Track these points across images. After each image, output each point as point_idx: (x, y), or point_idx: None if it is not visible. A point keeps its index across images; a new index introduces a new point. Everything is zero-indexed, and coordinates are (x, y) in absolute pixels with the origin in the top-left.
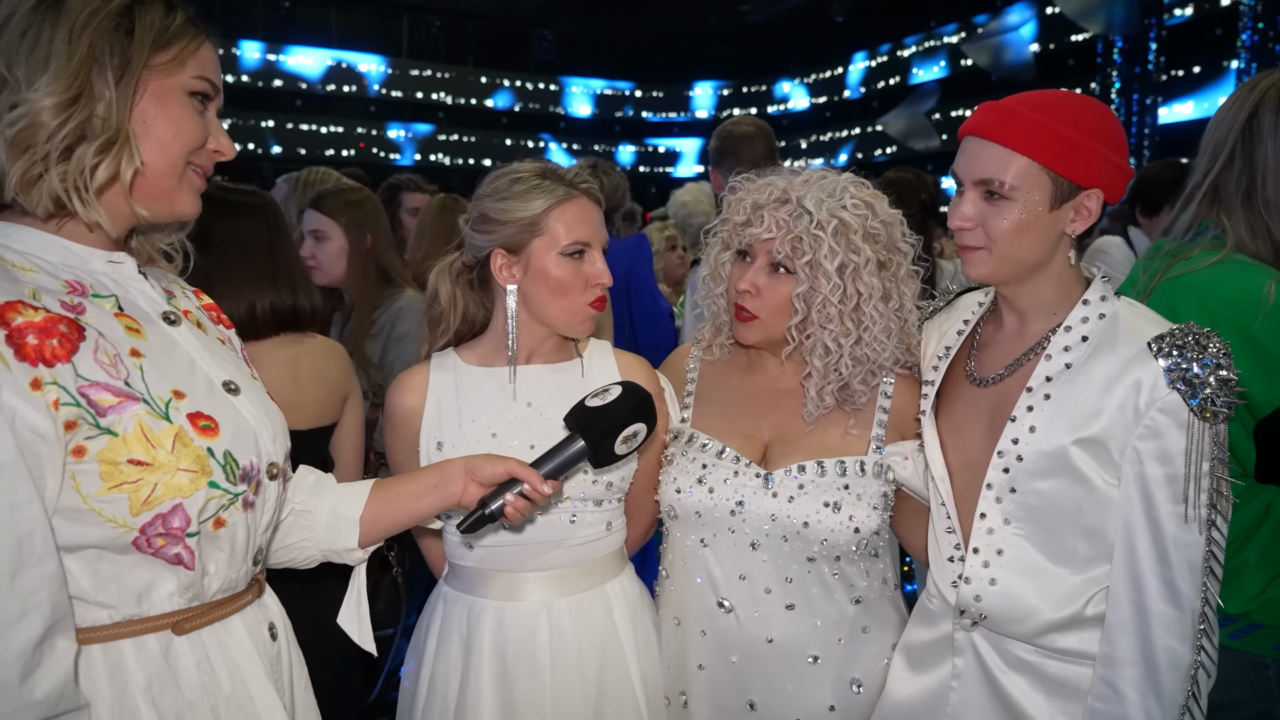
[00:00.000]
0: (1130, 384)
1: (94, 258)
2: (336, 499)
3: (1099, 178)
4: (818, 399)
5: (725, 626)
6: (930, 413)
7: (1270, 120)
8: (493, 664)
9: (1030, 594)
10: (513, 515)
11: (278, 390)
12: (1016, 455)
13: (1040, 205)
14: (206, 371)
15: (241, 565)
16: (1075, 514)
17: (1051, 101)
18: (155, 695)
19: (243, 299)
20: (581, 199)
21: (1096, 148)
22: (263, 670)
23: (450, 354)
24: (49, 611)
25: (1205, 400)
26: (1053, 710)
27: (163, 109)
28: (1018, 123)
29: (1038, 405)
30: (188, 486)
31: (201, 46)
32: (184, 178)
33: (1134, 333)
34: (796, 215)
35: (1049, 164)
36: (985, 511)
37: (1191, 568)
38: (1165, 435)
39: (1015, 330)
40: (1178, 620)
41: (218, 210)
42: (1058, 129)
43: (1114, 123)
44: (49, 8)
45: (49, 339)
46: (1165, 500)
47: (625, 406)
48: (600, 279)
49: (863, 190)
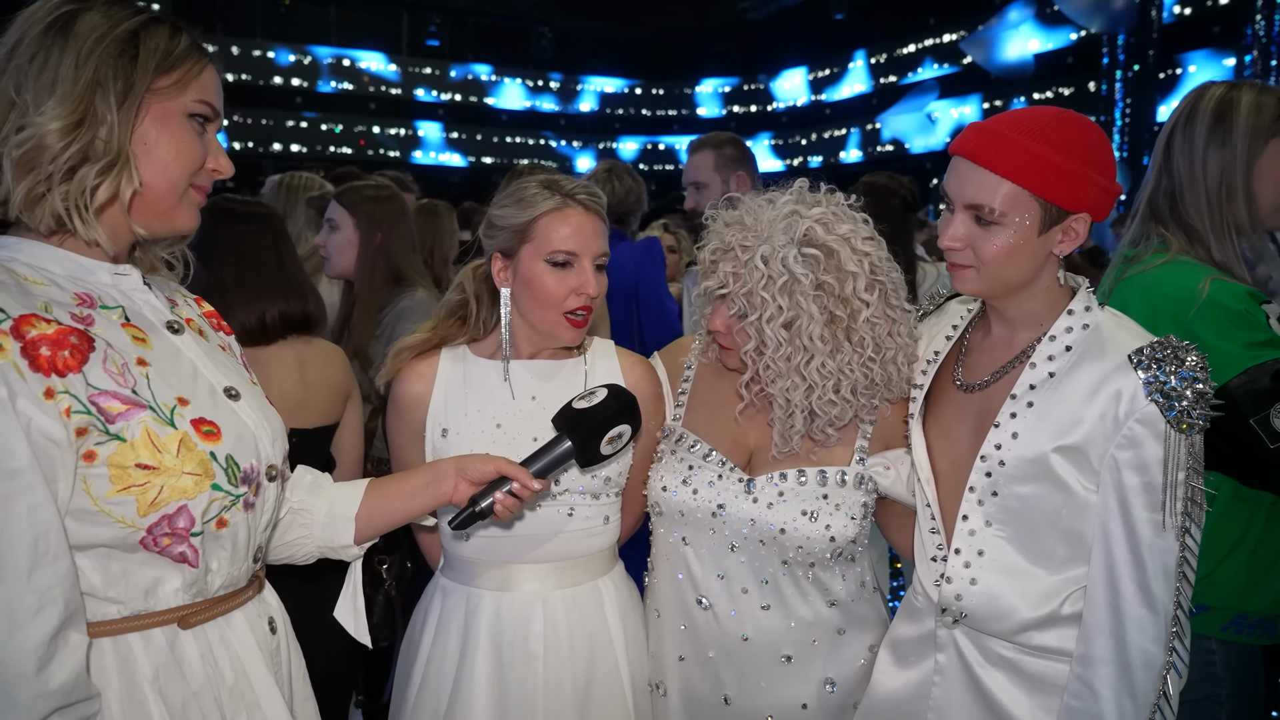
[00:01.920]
0: (1110, 394)
1: (100, 270)
2: (333, 498)
3: (1087, 202)
4: (782, 444)
5: (703, 623)
6: (918, 416)
7: (1180, 137)
8: (488, 652)
9: (1009, 593)
10: (502, 513)
11: (286, 390)
12: (999, 460)
13: (1029, 229)
14: (209, 378)
15: (243, 563)
16: (1054, 517)
17: (1040, 125)
18: (162, 686)
19: (256, 308)
20: (574, 210)
21: (1084, 172)
22: (263, 662)
23: (462, 346)
24: (63, 607)
25: (1182, 412)
26: (1031, 705)
27: (164, 131)
28: (1007, 148)
29: (1021, 412)
30: (192, 489)
31: (204, 70)
32: (185, 196)
33: (1116, 344)
34: (750, 268)
35: (1038, 190)
36: (967, 514)
37: (1166, 573)
38: (1143, 445)
39: (1003, 338)
40: (1152, 623)
41: (229, 222)
42: (1047, 155)
43: (1103, 144)
44: (58, 32)
45: (61, 350)
46: (1141, 508)
47: (610, 409)
48: (584, 289)
49: (833, 230)
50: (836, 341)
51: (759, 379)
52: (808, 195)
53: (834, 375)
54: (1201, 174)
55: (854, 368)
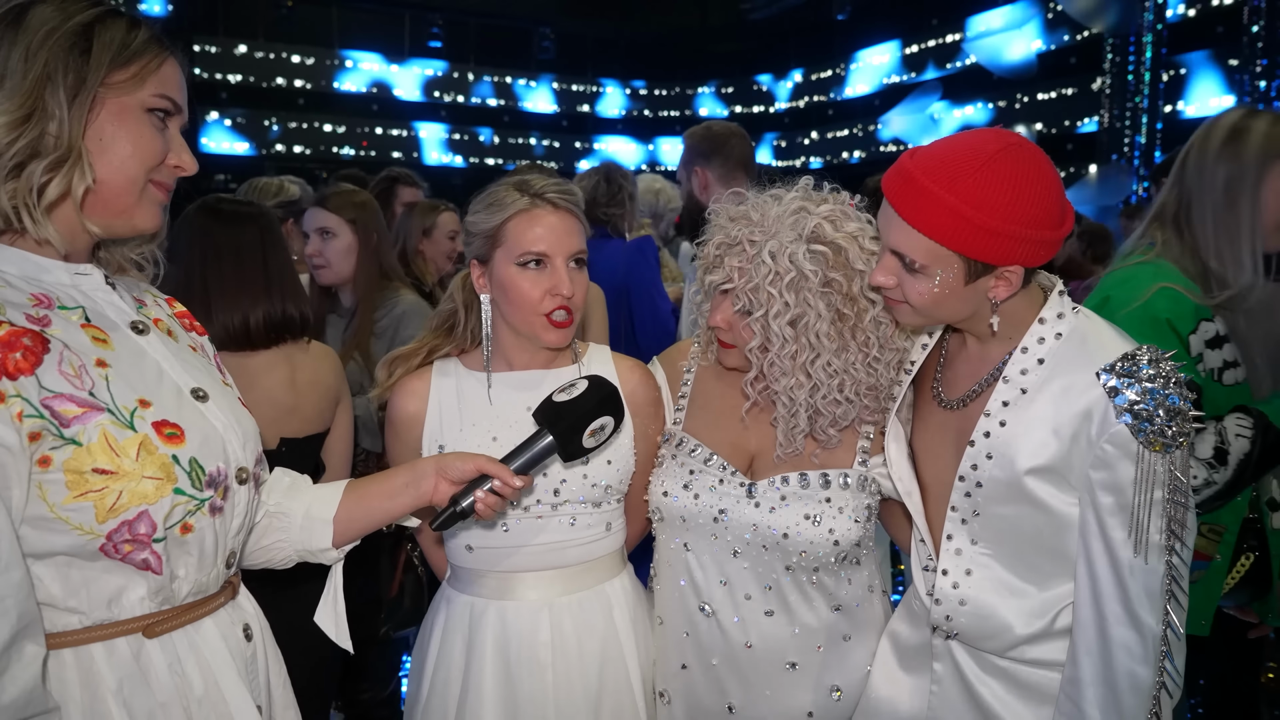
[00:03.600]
0: (1081, 413)
1: (57, 269)
2: (310, 500)
3: (1013, 257)
4: (786, 444)
5: (706, 630)
6: (895, 426)
7: (1195, 153)
8: (495, 662)
9: (1000, 611)
10: (484, 511)
11: (277, 398)
12: (976, 481)
13: (954, 281)
14: (175, 379)
15: (212, 569)
16: (1037, 537)
17: (960, 175)
18: (127, 697)
19: (238, 310)
20: (543, 209)
21: (1007, 229)
22: (235, 671)
23: (453, 359)
24: (15, 619)
25: (1155, 432)
26: (1027, 715)
27: (121, 126)
28: (926, 203)
29: (994, 431)
30: (153, 493)
31: (164, 64)
32: (144, 194)
33: (1086, 356)
34: (756, 263)
35: (957, 249)
36: (951, 533)
37: (1150, 594)
38: (1115, 466)
39: (977, 352)
40: (1138, 644)
41: (214, 222)
42: (964, 213)
43: (1035, 191)
44: (8, 26)
45: (12, 352)
46: (1118, 528)
47: (591, 400)
48: (559, 289)
49: (841, 227)
50: (843, 340)
51: (763, 376)
52: (814, 193)
53: (839, 374)
54: (1210, 181)
55: (858, 367)
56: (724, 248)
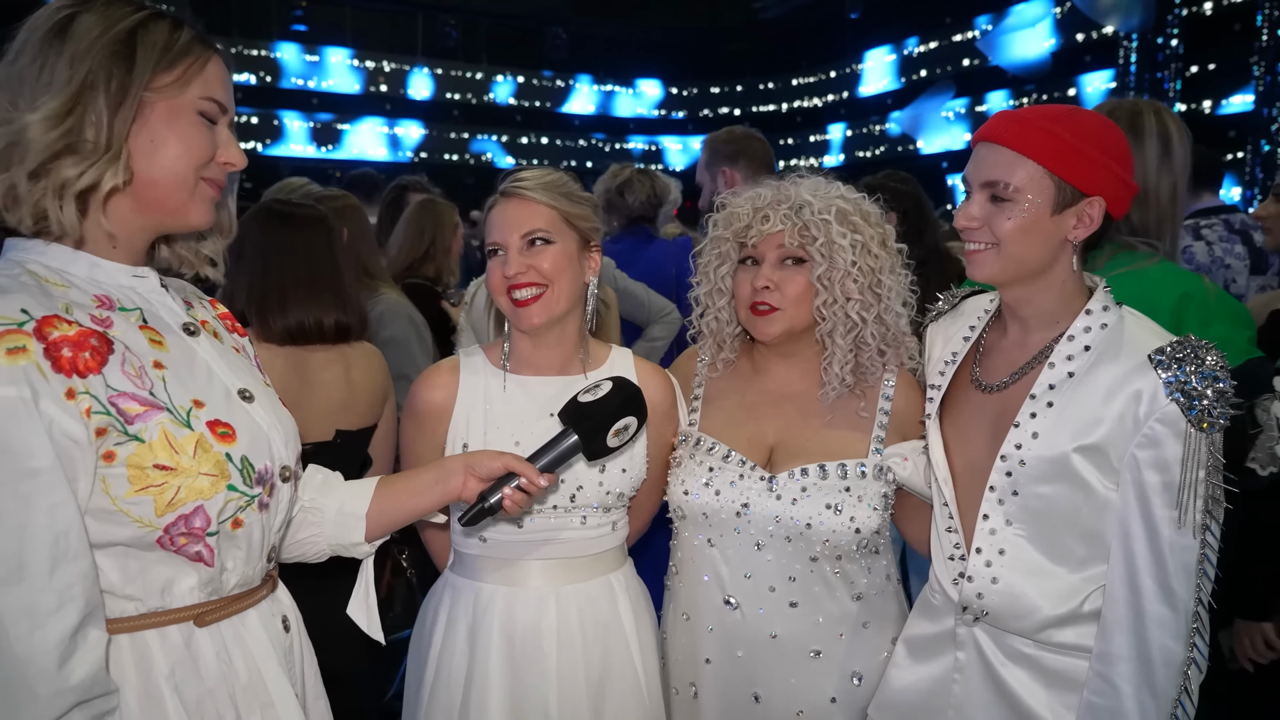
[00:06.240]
0: (1130, 394)
1: (119, 272)
2: (344, 496)
3: (1101, 186)
4: (840, 375)
5: (732, 623)
6: (935, 416)
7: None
8: (501, 647)
9: (1030, 592)
10: (511, 508)
11: (334, 393)
12: (1019, 460)
13: (1043, 208)
14: (223, 380)
15: (257, 562)
16: (1074, 516)
17: (1063, 113)
18: (178, 682)
19: (312, 311)
20: (499, 202)
21: (1100, 157)
22: (276, 660)
23: (480, 355)
24: (83, 604)
25: (1203, 411)
26: (1052, 701)
27: (170, 127)
28: (1026, 129)
29: (1041, 412)
30: (208, 489)
31: (208, 64)
32: (196, 191)
33: (1135, 344)
34: (799, 208)
35: (1053, 168)
36: (988, 513)
37: (1186, 570)
38: (1163, 444)
39: (1019, 339)
40: (1172, 620)
41: (286, 224)
42: (1064, 136)
43: (1122, 140)
44: (54, 35)
45: (82, 352)
46: (1162, 506)
47: (615, 401)
48: (506, 270)
49: (848, 198)
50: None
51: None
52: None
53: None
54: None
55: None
56: (756, 211)
